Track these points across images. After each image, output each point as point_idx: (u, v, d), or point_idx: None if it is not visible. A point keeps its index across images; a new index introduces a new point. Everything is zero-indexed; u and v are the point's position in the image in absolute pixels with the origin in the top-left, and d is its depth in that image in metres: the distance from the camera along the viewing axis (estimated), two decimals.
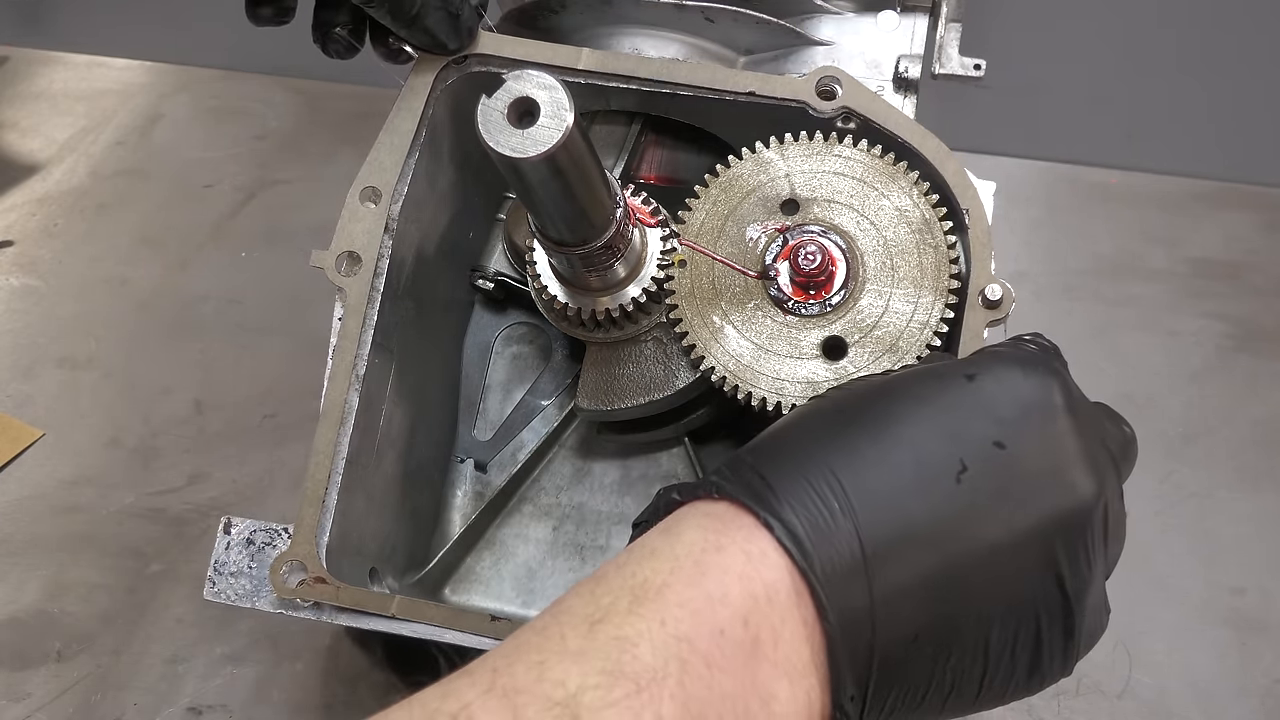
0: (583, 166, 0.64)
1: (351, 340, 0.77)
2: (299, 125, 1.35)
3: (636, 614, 0.45)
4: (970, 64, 0.87)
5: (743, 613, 0.46)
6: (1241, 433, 1.05)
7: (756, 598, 0.46)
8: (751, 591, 0.46)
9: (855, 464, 0.49)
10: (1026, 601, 0.50)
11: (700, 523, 0.49)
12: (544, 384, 0.94)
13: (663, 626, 0.44)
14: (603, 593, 0.47)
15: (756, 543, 0.47)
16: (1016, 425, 0.50)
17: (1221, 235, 1.18)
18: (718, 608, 0.45)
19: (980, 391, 0.51)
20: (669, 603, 0.45)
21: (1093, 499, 0.50)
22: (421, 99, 0.79)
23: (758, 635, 0.46)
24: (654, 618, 0.45)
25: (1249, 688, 0.92)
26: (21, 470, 1.09)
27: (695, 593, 0.46)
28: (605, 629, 0.44)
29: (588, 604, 0.46)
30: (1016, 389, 0.52)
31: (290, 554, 0.74)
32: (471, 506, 0.93)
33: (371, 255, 0.77)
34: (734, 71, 0.78)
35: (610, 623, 0.45)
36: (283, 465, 1.07)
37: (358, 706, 0.93)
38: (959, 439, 0.49)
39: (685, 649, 0.44)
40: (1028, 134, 1.32)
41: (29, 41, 1.48)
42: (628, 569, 0.48)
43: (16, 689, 0.95)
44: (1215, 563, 0.98)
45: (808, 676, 0.47)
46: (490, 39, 0.79)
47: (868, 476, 0.49)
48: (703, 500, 0.51)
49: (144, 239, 1.25)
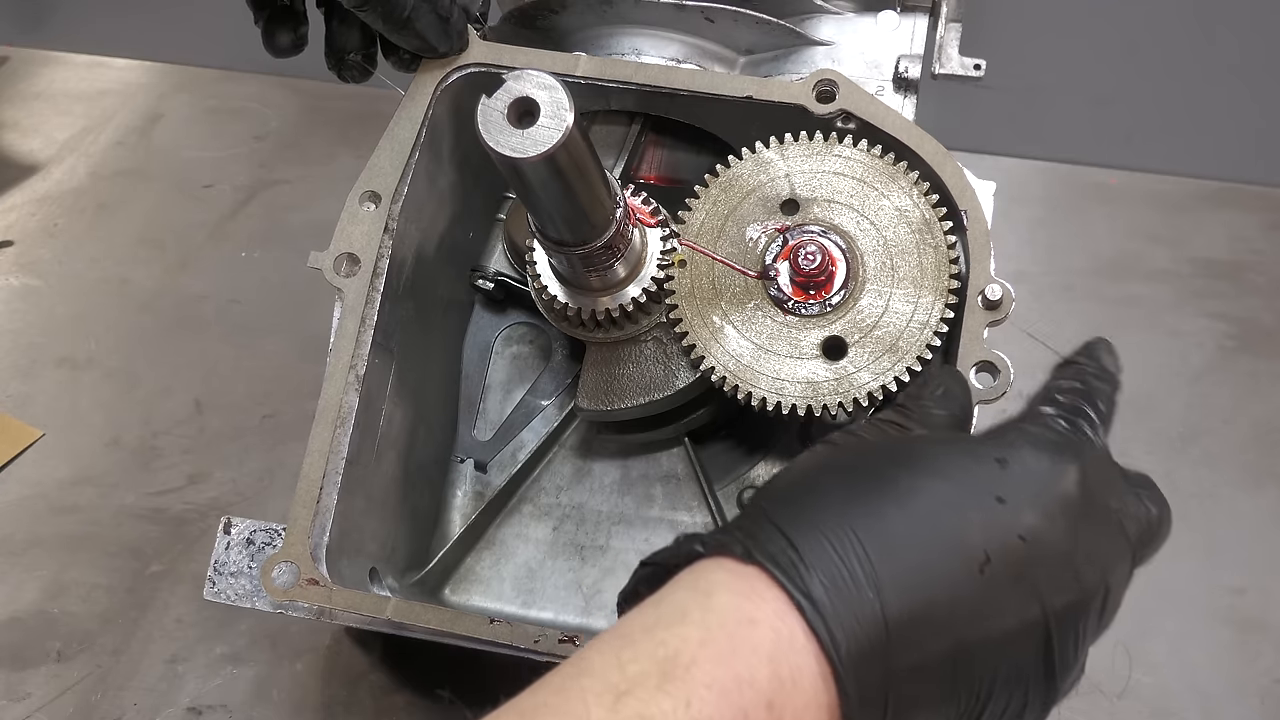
0: (583, 166, 0.64)
1: (349, 341, 0.77)
2: (299, 125, 1.35)
3: (664, 691, 0.44)
4: (970, 64, 0.87)
5: (767, 696, 0.46)
6: (1241, 433, 1.05)
7: (783, 681, 0.46)
8: (779, 674, 0.46)
9: (884, 540, 0.49)
10: (1019, 681, 0.51)
11: (732, 586, 0.48)
12: (544, 384, 0.94)
13: (688, 709, 0.44)
14: (629, 659, 0.46)
15: (786, 622, 0.47)
16: (1041, 520, 0.51)
17: (1223, 235, 1.18)
18: (745, 690, 0.45)
19: (1009, 481, 0.51)
20: (697, 683, 0.45)
21: (1094, 591, 0.52)
22: (422, 108, 0.79)
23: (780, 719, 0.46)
24: (680, 697, 0.44)
25: (1249, 688, 0.92)
26: (21, 470, 1.09)
27: (724, 672, 0.45)
28: (630, 704, 0.44)
29: (613, 671, 0.45)
30: (1045, 480, 0.52)
31: (282, 555, 0.73)
32: (471, 506, 0.93)
33: (370, 257, 0.77)
34: (732, 77, 0.78)
35: (636, 697, 0.44)
36: (282, 465, 1.07)
37: (358, 706, 0.93)
38: (988, 530, 0.50)
39: None
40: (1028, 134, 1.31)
41: (29, 41, 1.48)
42: (657, 634, 0.47)
43: (16, 689, 0.95)
44: (1215, 563, 0.98)
45: None
46: (488, 47, 0.79)
47: (895, 554, 0.49)
48: (727, 559, 0.50)
49: (144, 239, 1.25)
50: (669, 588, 0.50)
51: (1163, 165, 1.24)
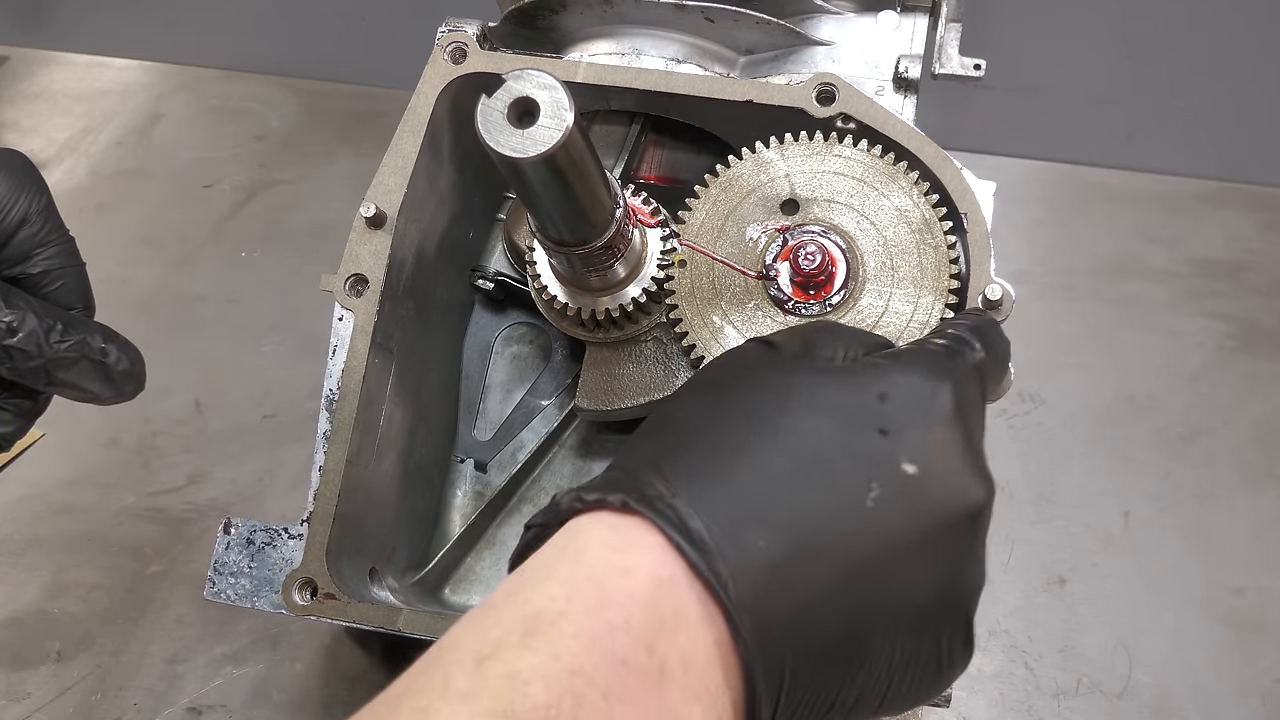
0: (583, 166, 0.64)
1: (360, 360, 0.77)
2: (299, 125, 1.35)
3: (529, 648, 0.42)
4: (970, 64, 0.87)
5: (646, 640, 0.44)
6: (1241, 433, 1.05)
7: (664, 622, 0.44)
8: (659, 616, 0.44)
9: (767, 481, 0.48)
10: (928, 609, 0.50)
11: (604, 539, 0.47)
12: (544, 384, 0.94)
13: (556, 661, 0.42)
14: (492, 625, 0.44)
15: (667, 566, 0.46)
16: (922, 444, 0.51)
17: (1222, 235, 1.18)
18: (619, 635, 0.43)
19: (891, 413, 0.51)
20: (564, 634, 0.43)
21: (985, 502, 0.52)
22: (424, 120, 0.79)
23: (665, 661, 0.44)
24: (546, 651, 0.42)
25: (1249, 688, 0.92)
26: (21, 470, 1.09)
27: (593, 622, 0.43)
28: (494, 666, 0.42)
29: (476, 638, 0.43)
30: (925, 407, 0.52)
31: (301, 571, 0.75)
32: (471, 506, 0.93)
33: (378, 276, 0.78)
34: (732, 80, 0.78)
35: (500, 659, 0.42)
36: (282, 465, 1.07)
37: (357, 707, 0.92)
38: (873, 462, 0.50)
39: (581, 683, 0.42)
40: (1028, 134, 1.32)
41: (29, 41, 1.48)
42: (520, 595, 0.45)
43: (16, 689, 0.95)
44: (1215, 563, 0.98)
45: (720, 698, 0.45)
46: (486, 56, 0.79)
47: (780, 493, 0.48)
48: (605, 511, 0.48)
49: (144, 239, 1.25)
50: (539, 551, 0.48)
51: (1163, 165, 1.24)
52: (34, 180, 0.63)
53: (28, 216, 0.62)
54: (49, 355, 0.59)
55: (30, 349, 0.58)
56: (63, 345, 0.60)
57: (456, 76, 0.80)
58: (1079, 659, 0.94)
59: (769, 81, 0.83)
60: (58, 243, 0.63)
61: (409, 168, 0.79)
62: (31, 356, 0.59)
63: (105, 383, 0.63)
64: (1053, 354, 1.10)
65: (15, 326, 0.58)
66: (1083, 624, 0.96)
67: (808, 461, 0.49)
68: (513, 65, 0.78)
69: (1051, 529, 1.01)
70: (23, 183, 0.62)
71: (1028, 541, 1.00)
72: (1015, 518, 1.01)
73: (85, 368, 0.61)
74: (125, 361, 0.64)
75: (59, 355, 0.60)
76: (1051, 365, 1.10)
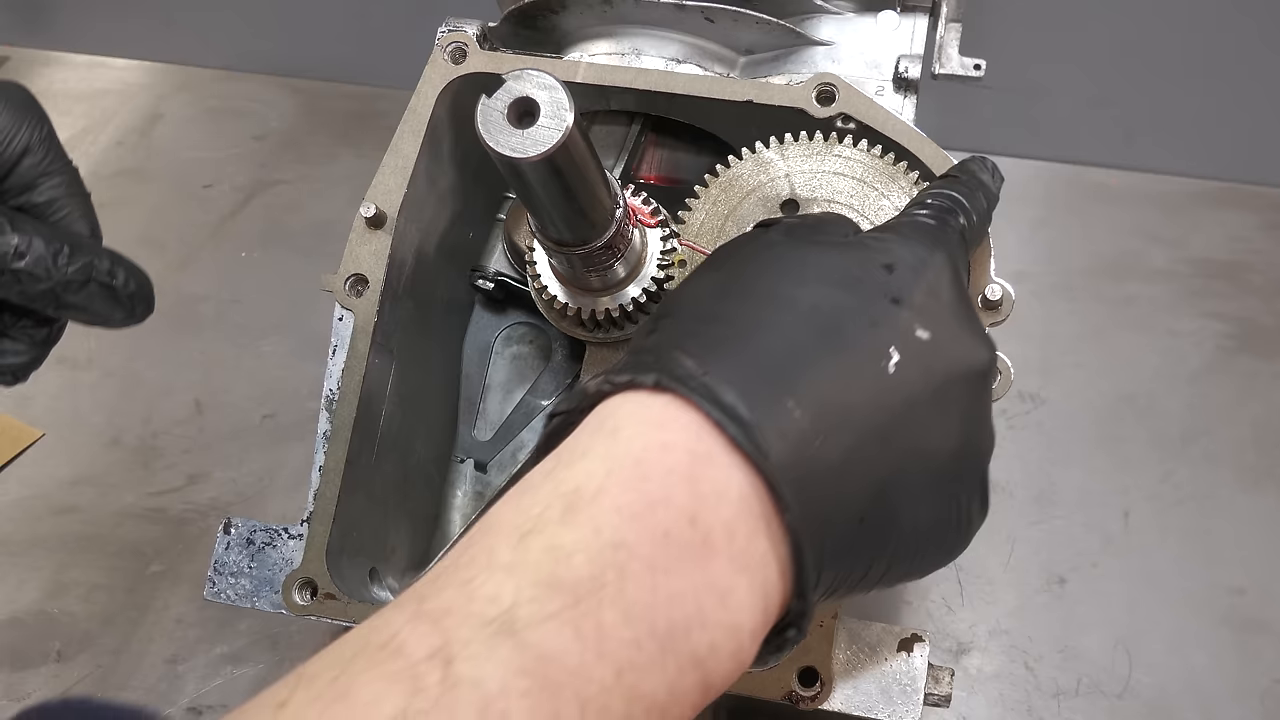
0: (583, 166, 0.64)
1: (360, 360, 0.77)
2: (299, 125, 1.35)
3: (570, 523, 0.43)
4: (970, 64, 0.87)
5: (689, 512, 0.44)
6: (1241, 433, 1.05)
7: (705, 496, 0.44)
8: (699, 491, 0.44)
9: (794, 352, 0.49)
10: (949, 469, 0.52)
11: (640, 416, 0.47)
12: (544, 384, 0.94)
13: (598, 535, 0.42)
14: (531, 503, 0.44)
15: (704, 441, 0.46)
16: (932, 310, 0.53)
17: (1222, 235, 1.18)
18: (660, 510, 0.43)
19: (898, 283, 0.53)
20: (604, 509, 0.43)
21: (990, 362, 0.54)
22: (424, 120, 0.79)
23: (709, 533, 0.44)
24: (589, 526, 0.42)
25: (1249, 688, 0.92)
26: (21, 470, 1.10)
27: (634, 497, 0.43)
28: (537, 540, 0.42)
29: (516, 515, 0.44)
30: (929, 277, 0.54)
31: (301, 571, 0.75)
32: (471, 506, 0.93)
33: (378, 276, 0.78)
34: (732, 81, 0.78)
35: (542, 533, 0.42)
36: (282, 465, 1.07)
37: None
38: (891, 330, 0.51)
39: (624, 555, 0.42)
40: (1028, 134, 1.32)
41: (29, 41, 1.48)
42: (558, 474, 0.45)
43: (16, 689, 0.96)
44: (1215, 563, 0.98)
45: (766, 568, 0.46)
46: (486, 56, 0.79)
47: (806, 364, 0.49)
48: (638, 391, 0.48)
49: (144, 239, 1.25)
50: (573, 434, 0.48)
51: (1163, 165, 1.24)
52: (35, 111, 0.63)
53: (30, 146, 0.62)
54: (57, 278, 0.59)
55: (39, 272, 0.58)
56: (70, 268, 0.60)
57: (456, 77, 0.80)
58: (1079, 659, 0.94)
59: (769, 81, 0.83)
60: (61, 172, 0.64)
61: (409, 168, 0.79)
62: (40, 280, 0.58)
63: (115, 305, 0.63)
64: (1053, 354, 1.10)
65: (23, 250, 0.58)
66: (1083, 624, 0.96)
67: (829, 331, 0.50)
68: (513, 65, 0.78)
69: (1051, 529, 1.01)
70: (24, 113, 0.62)
71: (1027, 541, 1.00)
72: (1015, 517, 1.01)
73: (94, 290, 0.61)
74: (134, 284, 0.64)
75: (67, 278, 0.60)
76: (1051, 365, 1.10)
